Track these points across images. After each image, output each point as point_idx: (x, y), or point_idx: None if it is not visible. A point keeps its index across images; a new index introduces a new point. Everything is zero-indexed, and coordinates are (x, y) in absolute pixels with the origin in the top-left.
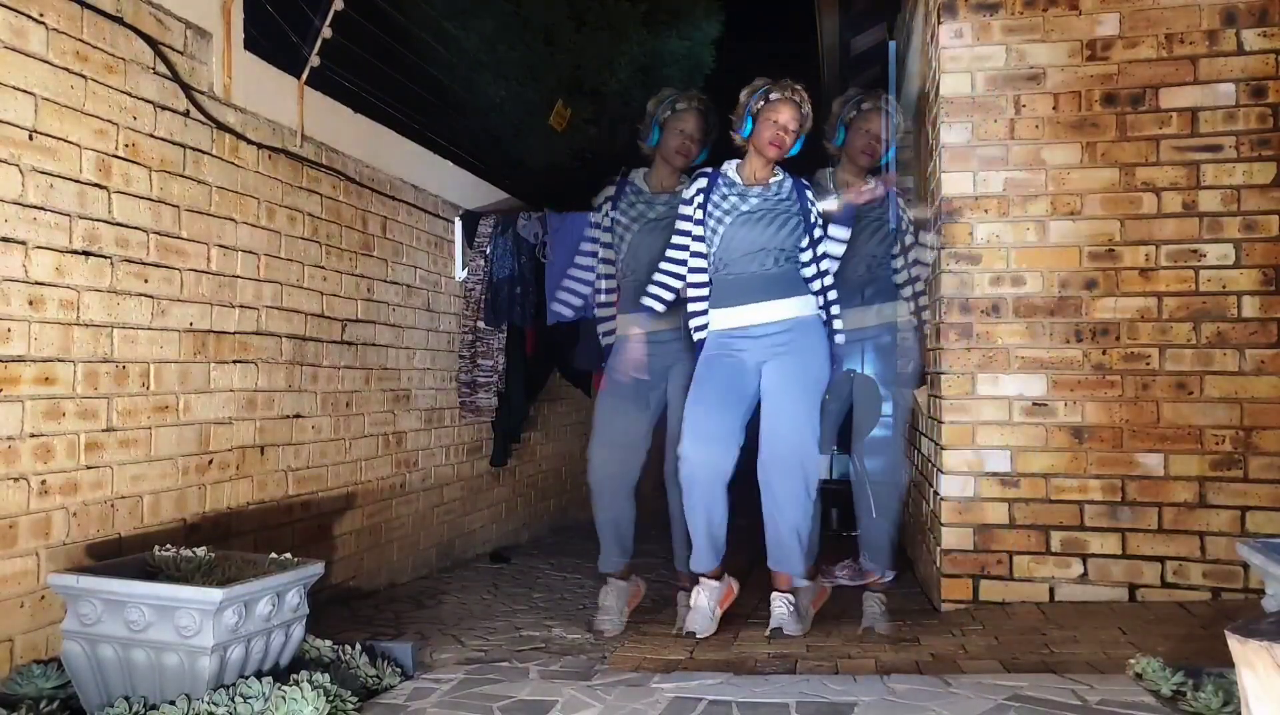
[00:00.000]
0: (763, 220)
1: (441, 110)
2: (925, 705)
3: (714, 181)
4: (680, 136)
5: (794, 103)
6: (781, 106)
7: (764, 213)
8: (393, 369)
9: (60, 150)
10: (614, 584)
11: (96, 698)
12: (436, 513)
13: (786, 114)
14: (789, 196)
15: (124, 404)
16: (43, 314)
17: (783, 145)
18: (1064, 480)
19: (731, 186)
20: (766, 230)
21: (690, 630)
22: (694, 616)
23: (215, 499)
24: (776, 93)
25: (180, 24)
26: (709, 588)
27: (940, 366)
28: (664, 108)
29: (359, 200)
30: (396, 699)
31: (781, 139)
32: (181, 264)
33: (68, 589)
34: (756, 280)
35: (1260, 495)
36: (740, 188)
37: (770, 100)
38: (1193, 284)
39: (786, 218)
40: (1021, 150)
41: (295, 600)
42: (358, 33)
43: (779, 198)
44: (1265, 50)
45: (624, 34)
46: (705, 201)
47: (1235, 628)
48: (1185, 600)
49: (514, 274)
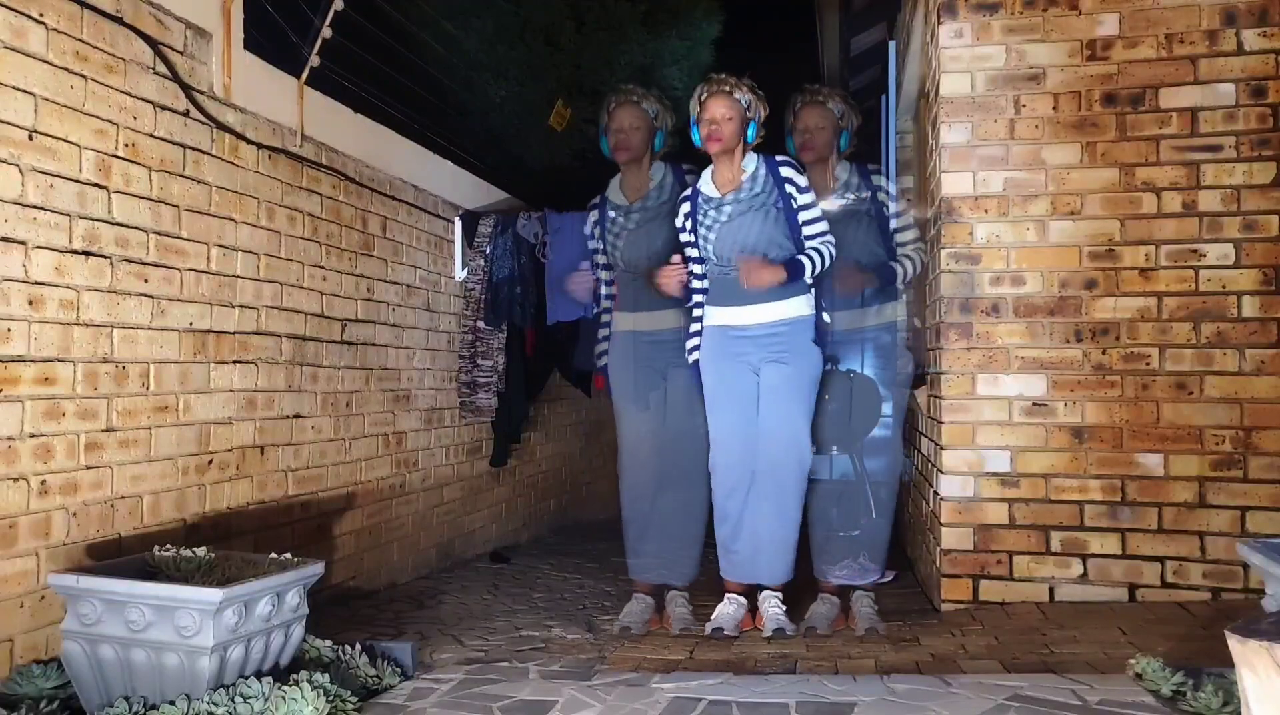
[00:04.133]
0: (743, 226)
1: (441, 110)
2: (925, 705)
3: (695, 201)
4: (615, 135)
5: (723, 93)
6: (710, 103)
7: (740, 217)
8: (393, 369)
9: (60, 150)
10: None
11: (96, 698)
12: (436, 513)
13: (715, 107)
14: (763, 188)
15: (124, 404)
16: (43, 314)
17: (720, 138)
18: (1064, 480)
19: (709, 201)
20: (746, 233)
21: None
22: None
23: (215, 499)
24: (705, 91)
25: (180, 24)
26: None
27: (940, 366)
28: (604, 114)
29: (359, 200)
30: (396, 699)
31: (717, 132)
32: (181, 264)
33: (68, 589)
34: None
35: (1260, 495)
36: (715, 199)
37: (701, 101)
38: (1193, 284)
39: (764, 212)
40: (1021, 150)
41: (295, 600)
42: (358, 33)
43: (753, 194)
44: (1265, 50)
45: (624, 34)
46: (693, 224)
47: (1235, 628)
48: (1185, 600)
49: (514, 274)
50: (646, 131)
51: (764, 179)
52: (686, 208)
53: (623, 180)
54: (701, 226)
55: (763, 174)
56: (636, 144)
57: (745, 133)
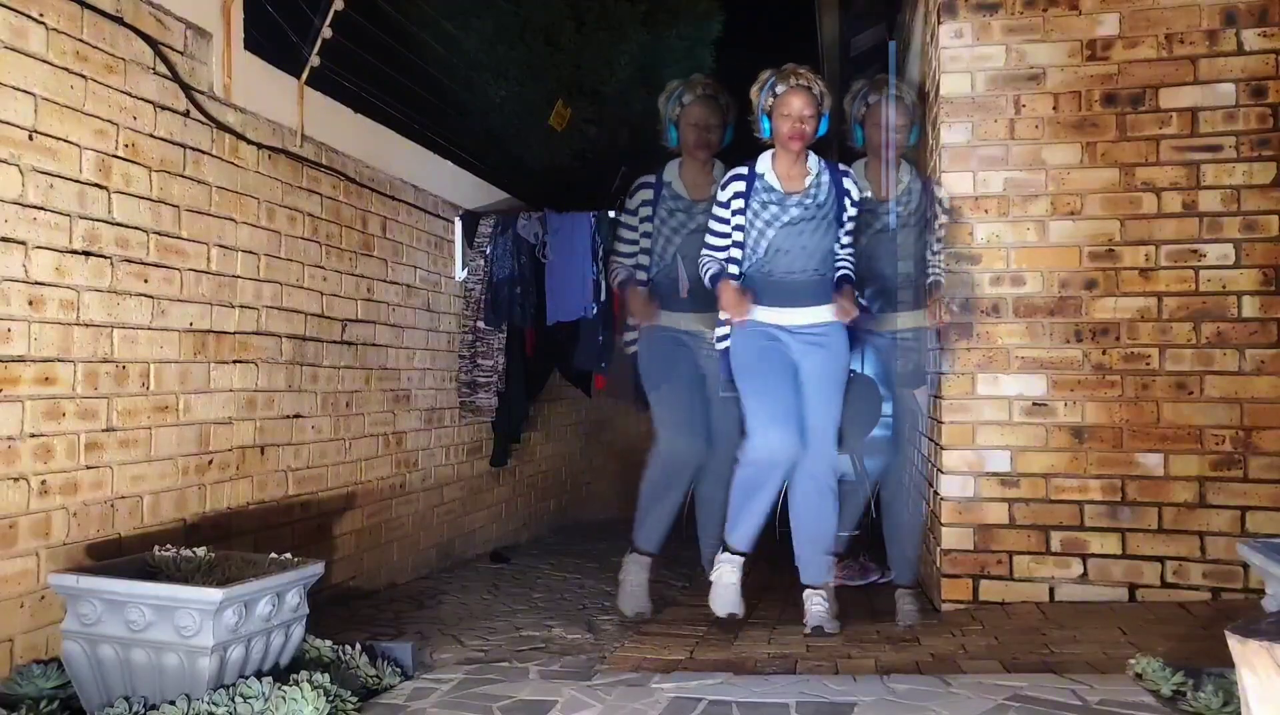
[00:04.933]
0: (805, 231)
1: (441, 110)
2: (925, 705)
3: (751, 185)
4: (696, 130)
5: (804, 88)
6: (792, 97)
7: (805, 221)
8: (393, 369)
9: (60, 150)
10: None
11: (96, 698)
12: (436, 513)
13: (799, 103)
14: (827, 195)
15: (124, 404)
16: (43, 314)
17: (804, 136)
18: (1064, 480)
19: (770, 192)
20: (809, 239)
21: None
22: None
23: (215, 499)
24: (783, 84)
25: (180, 24)
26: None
27: (940, 366)
28: (672, 104)
29: (359, 200)
30: (396, 699)
31: (801, 130)
32: (181, 264)
33: (68, 589)
34: (797, 285)
35: (1260, 495)
36: (779, 194)
37: (779, 94)
38: (1193, 284)
39: (826, 222)
40: (1021, 150)
41: (295, 600)
42: (358, 33)
43: (818, 203)
44: (1265, 50)
45: (624, 34)
46: (745, 207)
47: (1235, 628)
48: (1185, 600)
49: (514, 274)
50: (723, 128)
51: (827, 186)
52: (740, 186)
53: (683, 171)
54: (760, 218)
55: (826, 180)
56: (715, 142)
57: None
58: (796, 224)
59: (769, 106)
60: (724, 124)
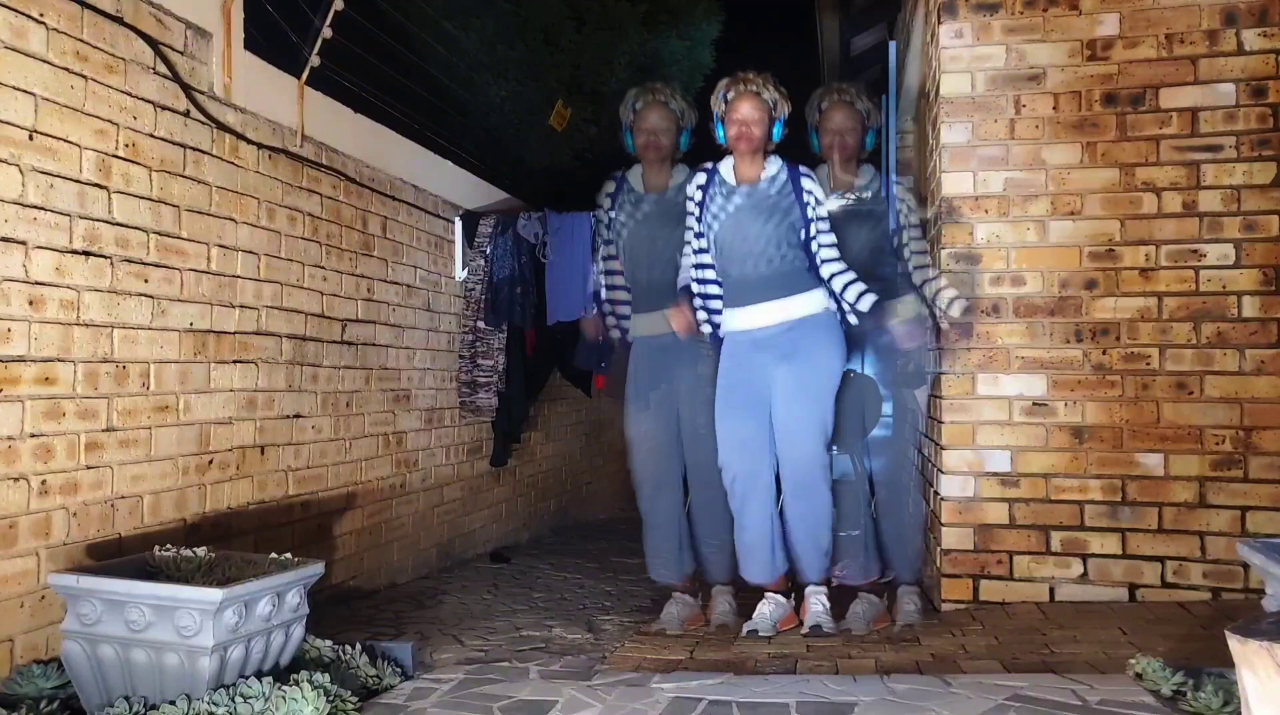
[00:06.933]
0: (751, 219)
1: (441, 110)
2: (925, 705)
3: (711, 179)
4: (644, 134)
5: (751, 94)
6: (739, 103)
7: (750, 209)
8: (393, 369)
9: (60, 150)
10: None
11: (96, 698)
12: (436, 513)
13: (744, 108)
14: (781, 189)
15: (124, 404)
16: (43, 314)
17: (750, 138)
18: (1064, 480)
19: (722, 185)
20: (756, 228)
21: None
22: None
23: (215, 499)
24: (731, 91)
25: (180, 24)
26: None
27: (940, 366)
28: (627, 110)
29: (359, 200)
30: (396, 699)
31: (747, 133)
32: (181, 264)
33: (68, 589)
34: (754, 281)
35: (1260, 495)
36: (729, 187)
37: (729, 100)
38: (1193, 284)
39: (776, 213)
40: (1021, 150)
41: (295, 600)
42: (358, 33)
43: (769, 192)
44: (1265, 50)
45: (624, 34)
46: (704, 198)
47: (1235, 628)
48: (1185, 600)
49: (514, 274)
50: (674, 132)
51: (784, 183)
52: (701, 179)
53: (644, 174)
54: (710, 211)
55: (783, 178)
56: (665, 145)
57: (771, 132)
58: (741, 212)
59: (722, 112)
60: (677, 129)
